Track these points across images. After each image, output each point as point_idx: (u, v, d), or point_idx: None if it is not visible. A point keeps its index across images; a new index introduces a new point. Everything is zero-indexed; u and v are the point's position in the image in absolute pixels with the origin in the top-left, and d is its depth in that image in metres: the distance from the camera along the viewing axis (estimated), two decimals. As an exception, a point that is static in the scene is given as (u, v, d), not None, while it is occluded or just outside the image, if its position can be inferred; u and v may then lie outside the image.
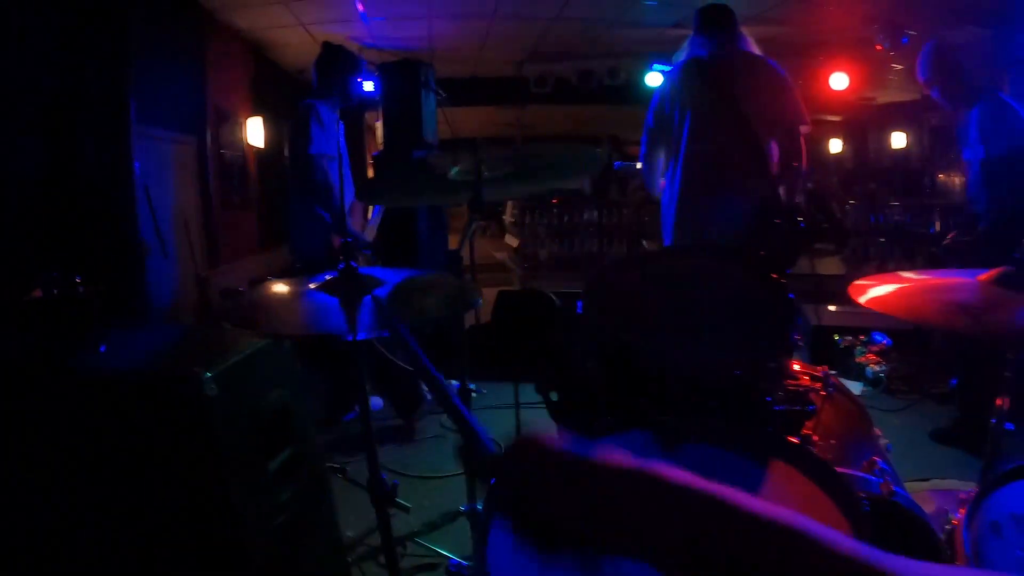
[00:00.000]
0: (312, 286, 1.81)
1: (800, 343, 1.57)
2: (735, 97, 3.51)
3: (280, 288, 2.00)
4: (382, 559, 2.90)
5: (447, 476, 3.81)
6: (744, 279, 1.78)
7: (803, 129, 3.59)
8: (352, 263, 1.76)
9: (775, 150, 3.62)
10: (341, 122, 4.46)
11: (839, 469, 1.26)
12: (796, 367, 2.02)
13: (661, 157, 3.81)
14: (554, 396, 1.83)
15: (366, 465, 1.92)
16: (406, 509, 2.61)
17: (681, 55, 3.82)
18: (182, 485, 1.84)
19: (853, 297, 1.57)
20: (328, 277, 1.83)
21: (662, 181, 3.90)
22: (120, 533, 1.85)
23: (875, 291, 1.58)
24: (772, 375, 1.54)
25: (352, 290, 1.74)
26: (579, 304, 1.69)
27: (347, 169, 4.44)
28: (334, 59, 4.48)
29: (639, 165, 3.98)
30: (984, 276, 1.51)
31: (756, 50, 3.70)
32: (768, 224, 1.79)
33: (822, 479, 1.18)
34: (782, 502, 1.20)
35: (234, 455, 1.91)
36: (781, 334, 1.57)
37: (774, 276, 1.71)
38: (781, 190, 3.54)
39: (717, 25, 3.68)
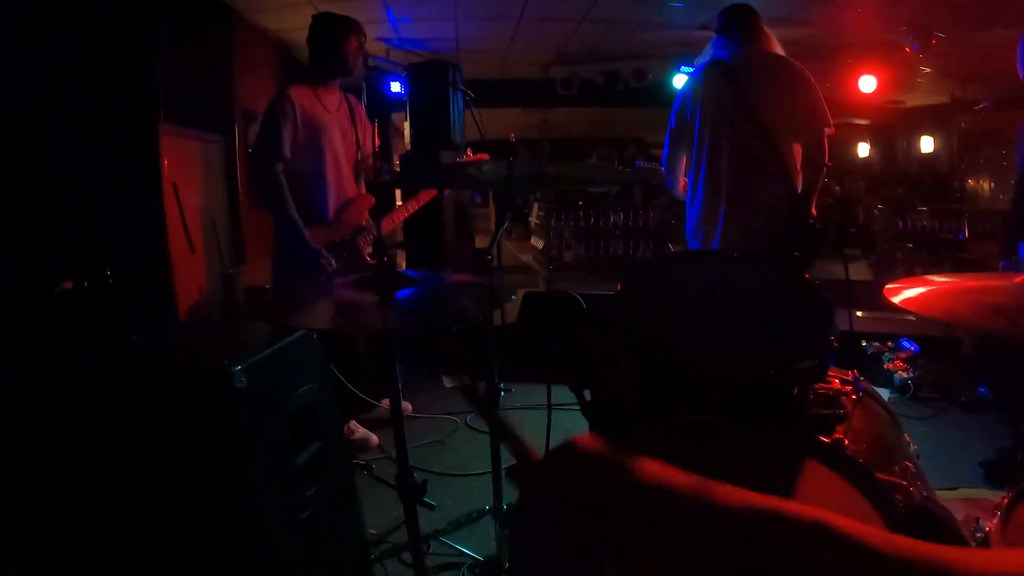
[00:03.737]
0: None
1: (836, 345, 1.56)
2: (757, 99, 3.50)
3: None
4: (405, 556, 2.92)
5: (472, 474, 3.81)
6: (779, 280, 1.77)
7: (827, 131, 3.57)
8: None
9: (797, 151, 3.60)
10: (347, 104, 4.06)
11: (871, 472, 1.25)
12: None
13: (683, 159, 3.81)
14: (587, 395, 1.82)
15: (390, 462, 1.93)
16: (431, 507, 2.61)
17: (704, 56, 3.81)
18: (208, 478, 1.84)
19: (888, 299, 1.55)
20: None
21: (683, 180, 3.89)
22: (145, 525, 1.86)
23: (909, 292, 1.57)
24: (806, 377, 1.53)
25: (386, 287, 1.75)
26: (613, 303, 1.69)
27: (320, 161, 3.88)
28: (318, 29, 3.98)
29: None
30: (1021, 278, 1.49)
31: (779, 50, 3.68)
32: (799, 224, 1.77)
33: (857, 479, 1.17)
34: (817, 501, 1.20)
35: (261, 449, 1.92)
36: (817, 336, 1.55)
37: (807, 277, 1.70)
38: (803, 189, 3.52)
39: (739, 25, 3.66)
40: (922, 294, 1.56)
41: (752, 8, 3.70)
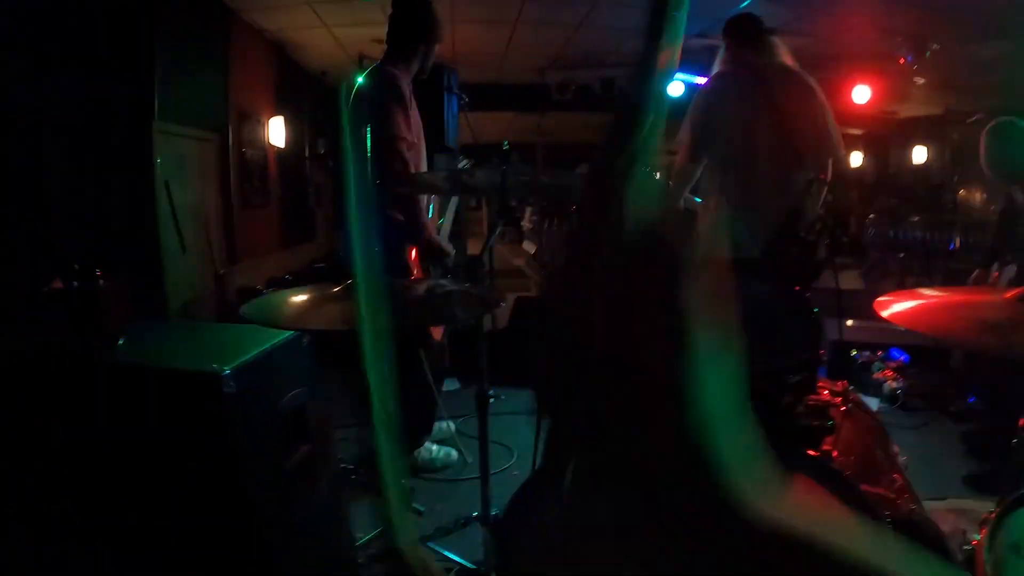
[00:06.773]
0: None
1: (824, 358, 1.56)
2: (785, 110, 3.52)
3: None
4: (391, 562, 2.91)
5: (460, 480, 3.80)
6: (768, 292, 1.77)
7: (835, 158, 3.60)
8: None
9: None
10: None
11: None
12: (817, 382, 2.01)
13: (704, 162, 3.78)
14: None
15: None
16: (418, 512, 2.61)
17: (720, 65, 3.79)
18: (198, 481, 1.84)
19: (877, 312, 1.56)
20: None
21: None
22: (134, 527, 1.85)
23: (899, 306, 1.57)
24: (795, 390, 1.53)
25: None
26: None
27: (418, 150, 3.64)
28: (412, 14, 3.61)
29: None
30: (1011, 293, 1.50)
31: (793, 62, 3.70)
32: (793, 237, 1.78)
33: (844, 494, 1.17)
34: (804, 516, 1.19)
35: (250, 452, 1.91)
36: (805, 348, 1.56)
37: (797, 289, 1.71)
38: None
39: (755, 35, 3.68)
40: (912, 308, 1.56)
41: (759, 18, 3.71)
